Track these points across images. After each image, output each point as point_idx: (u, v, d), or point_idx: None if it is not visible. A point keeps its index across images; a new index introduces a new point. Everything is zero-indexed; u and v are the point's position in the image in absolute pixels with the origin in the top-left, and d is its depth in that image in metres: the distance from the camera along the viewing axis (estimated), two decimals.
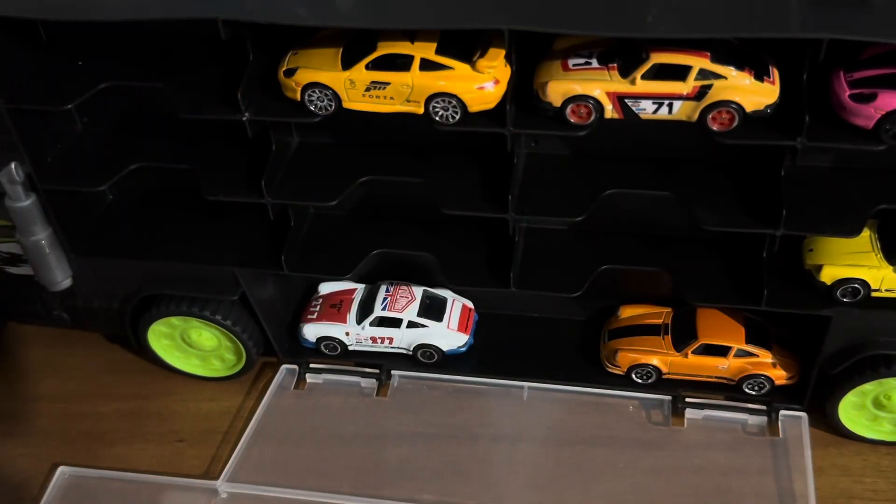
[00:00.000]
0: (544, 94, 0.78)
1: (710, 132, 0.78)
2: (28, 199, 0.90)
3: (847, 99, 0.75)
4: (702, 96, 0.76)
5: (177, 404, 1.07)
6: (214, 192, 0.89)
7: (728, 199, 0.85)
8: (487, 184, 0.88)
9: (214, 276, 0.96)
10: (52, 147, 0.91)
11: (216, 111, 0.82)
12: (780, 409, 0.96)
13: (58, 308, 1.06)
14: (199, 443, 1.02)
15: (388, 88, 0.79)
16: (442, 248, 0.94)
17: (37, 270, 0.97)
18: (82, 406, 1.08)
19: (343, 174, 0.89)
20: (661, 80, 0.76)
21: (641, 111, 0.78)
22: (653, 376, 0.98)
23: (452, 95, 0.77)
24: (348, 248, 0.95)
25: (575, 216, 0.86)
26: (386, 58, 0.78)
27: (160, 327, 1.03)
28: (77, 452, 1.01)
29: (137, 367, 1.11)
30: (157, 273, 0.98)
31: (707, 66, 0.75)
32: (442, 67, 0.77)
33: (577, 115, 0.79)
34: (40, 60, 0.87)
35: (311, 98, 0.80)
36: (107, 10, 0.77)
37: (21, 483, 1.00)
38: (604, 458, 0.95)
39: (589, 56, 0.79)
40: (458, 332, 1.01)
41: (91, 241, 0.97)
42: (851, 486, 0.93)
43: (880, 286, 0.85)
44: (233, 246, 0.96)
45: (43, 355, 1.14)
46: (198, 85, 0.84)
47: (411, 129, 0.84)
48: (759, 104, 0.76)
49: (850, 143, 0.76)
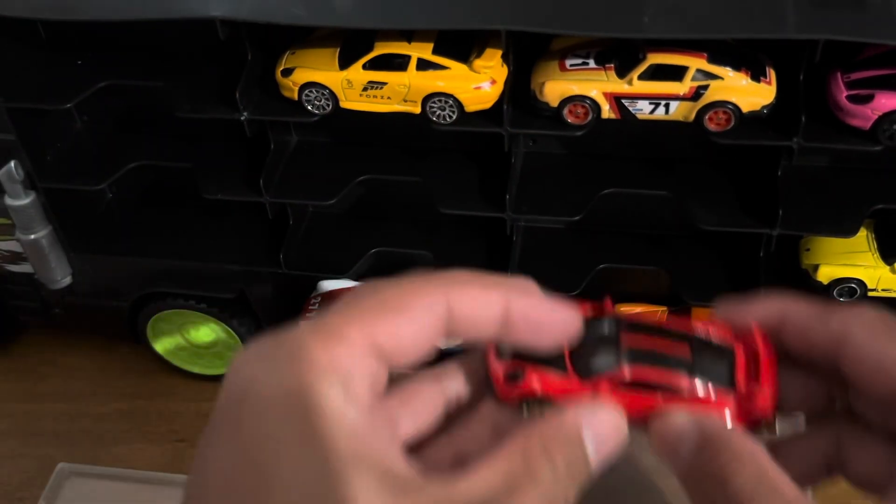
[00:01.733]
0: (541, 93, 0.78)
1: (707, 132, 0.78)
2: (28, 198, 0.91)
3: (844, 100, 0.75)
4: (698, 97, 0.76)
5: (177, 404, 1.07)
6: (213, 191, 0.89)
7: (725, 199, 0.85)
8: (485, 183, 0.88)
9: (214, 274, 0.96)
10: (51, 145, 0.91)
11: (214, 110, 0.82)
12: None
13: (58, 306, 1.07)
14: None
15: (385, 88, 0.79)
16: (439, 246, 0.94)
17: (37, 268, 0.98)
18: (82, 406, 1.08)
19: (341, 173, 0.89)
20: (657, 80, 0.76)
21: (638, 111, 0.78)
22: None
23: (449, 95, 0.78)
24: (347, 246, 0.95)
25: (572, 215, 0.86)
26: (383, 58, 0.78)
27: (160, 324, 1.03)
28: (77, 452, 1.01)
29: (137, 367, 1.11)
30: (156, 271, 0.98)
31: (704, 66, 0.75)
32: (439, 67, 0.77)
33: (575, 115, 0.79)
34: (40, 59, 0.88)
35: (308, 97, 0.80)
36: (106, 10, 0.77)
37: (21, 483, 1.00)
38: None
39: (586, 56, 0.79)
40: None
41: (90, 238, 0.98)
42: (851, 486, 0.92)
43: (877, 286, 0.85)
44: (232, 244, 0.96)
45: (43, 355, 1.14)
46: (196, 84, 0.84)
47: (409, 129, 0.85)
48: (755, 104, 0.76)
49: (846, 143, 0.76)
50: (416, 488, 0.35)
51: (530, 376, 0.49)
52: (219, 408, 0.37)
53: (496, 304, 0.40)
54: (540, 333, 0.43)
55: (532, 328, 0.41)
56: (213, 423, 0.37)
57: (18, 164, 0.88)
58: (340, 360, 0.38)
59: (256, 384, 0.37)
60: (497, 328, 0.41)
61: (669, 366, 0.49)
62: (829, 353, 0.41)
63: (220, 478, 0.36)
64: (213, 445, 0.37)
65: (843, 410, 0.44)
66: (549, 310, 0.42)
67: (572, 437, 0.42)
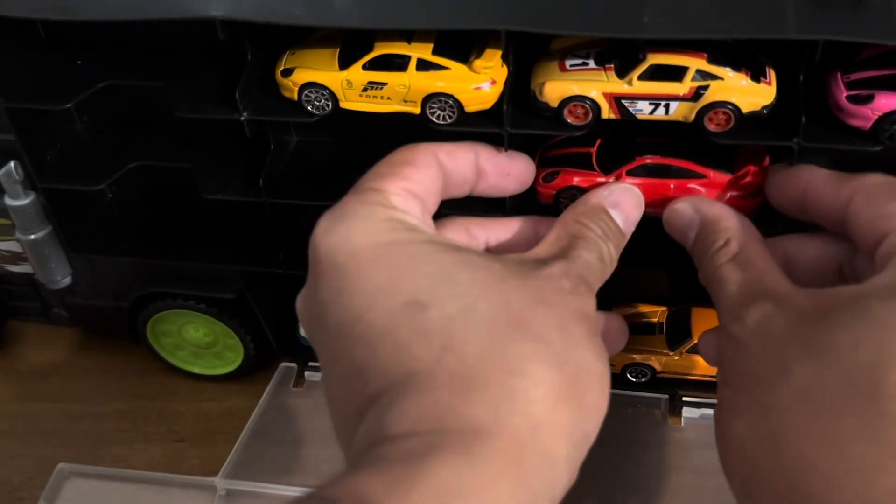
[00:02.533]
0: (541, 94, 0.78)
1: (707, 133, 0.78)
2: (27, 198, 0.91)
3: (844, 100, 0.75)
4: (698, 97, 0.76)
5: (177, 404, 1.07)
6: (213, 192, 0.89)
7: None
8: None
9: (214, 274, 0.96)
10: (51, 146, 0.91)
11: (214, 111, 0.82)
12: None
13: (57, 306, 1.07)
14: (200, 443, 1.02)
15: (385, 89, 0.79)
16: None
17: (36, 269, 0.98)
18: (82, 406, 1.08)
19: (341, 174, 0.89)
20: (657, 80, 0.76)
21: (638, 112, 0.78)
22: (647, 375, 0.98)
23: (449, 96, 0.77)
24: None
25: None
26: (383, 58, 0.78)
27: (159, 324, 1.03)
28: (77, 452, 1.01)
29: (137, 367, 1.11)
30: (156, 271, 0.98)
31: (704, 67, 0.75)
32: (439, 68, 0.77)
33: (575, 115, 0.79)
34: (40, 59, 0.88)
35: (308, 98, 0.80)
36: (106, 10, 0.77)
37: (21, 483, 1.00)
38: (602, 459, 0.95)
39: (586, 56, 0.79)
40: None
41: (90, 239, 0.98)
42: None
43: None
44: (232, 244, 0.96)
45: (43, 355, 1.14)
46: (196, 84, 0.84)
47: (409, 129, 0.84)
48: (755, 105, 0.76)
49: (847, 143, 0.76)
50: (499, 260, 0.49)
51: (564, 175, 0.75)
52: (324, 272, 0.50)
53: (470, 155, 0.57)
54: (504, 177, 0.61)
55: (497, 172, 0.60)
56: (332, 288, 0.48)
57: (18, 164, 0.89)
58: (404, 202, 0.52)
59: (353, 243, 0.50)
60: (474, 174, 0.56)
61: (678, 153, 0.72)
62: (839, 218, 0.47)
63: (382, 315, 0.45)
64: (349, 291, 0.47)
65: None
66: (508, 157, 0.60)
67: (598, 208, 0.58)
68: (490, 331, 0.43)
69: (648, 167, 0.79)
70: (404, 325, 0.44)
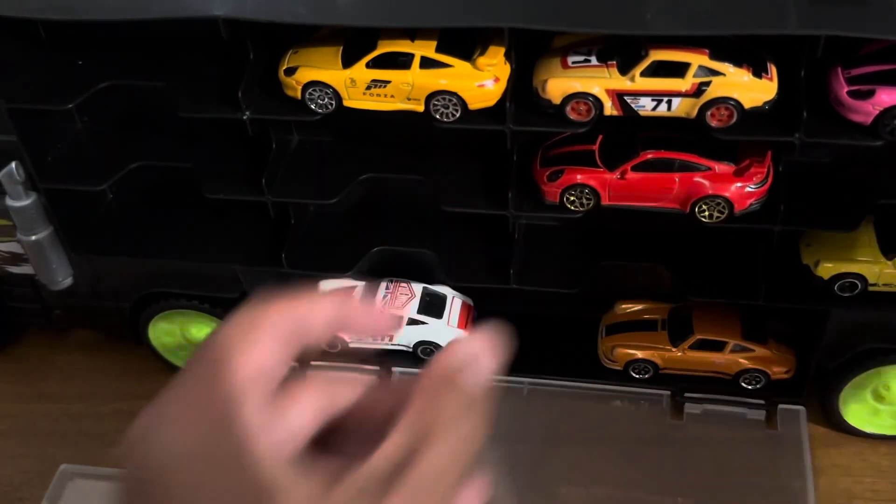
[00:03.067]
0: (544, 91, 0.78)
1: (709, 128, 0.78)
2: (28, 199, 0.90)
3: (845, 95, 0.75)
4: (700, 93, 0.77)
5: None
6: (215, 191, 0.89)
7: None
8: (487, 181, 0.88)
9: (215, 274, 0.96)
10: (52, 146, 0.91)
11: (216, 110, 0.82)
12: (779, 403, 0.97)
13: (58, 307, 1.06)
14: None
15: (388, 87, 0.79)
16: (442, 245, 0.95)
17: (37, 269, 0.97)
18: (82, 406, 1.07)
19: (343, 172, 0.89)
20: (659, 77, 0.77)
21: (641, 108, 0.78)
22: (650, 371, 0.98)
23: (453, 93, 0.78)
24: (349, 245, 0.95)
25: (573, 213, 0.86)
26: (386, 56, 0.78)
27: (161, 324, 1.03)
28: (77, 452, 1.01)
29: (137, 367, 1.10)
30: (157, 271, 0.98)
31: (706, 62, 0.76)
32: (442, 65, 0.77)
33: (577, 112, 0.79)
34: (40, 60, 0.87)
35: (311, 96, 0.80)
36: (107, 10, 0.77)
37: (21, 483, 1.00)
38: (604, 454, 0.96)
39: (588, 53, 0.79)
40: (458, 329, 1.01)
41: (91, 239, 0.97)
42: (852, 486, 0.93)
43: (878, 281, 0.85)
44: (234, 244, 0.96)
45: (43, 355, 1.14)
46: (198, 84, 0.84)
47: (411, 127, 0.85)
48: (757, 100, 0.77)
49: (848, 139, 0.76)
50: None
51: (568, 172, 0.80)
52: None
53: (326, 317, 0.43)
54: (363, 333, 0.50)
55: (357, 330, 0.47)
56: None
57: (19, 164, 0.88)
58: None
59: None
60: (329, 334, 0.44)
61: (681, 147, 0.75)
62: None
63: None
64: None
65: None
66: (364, 313, 0.47)
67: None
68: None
69: (653, 161, 0.79)
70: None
